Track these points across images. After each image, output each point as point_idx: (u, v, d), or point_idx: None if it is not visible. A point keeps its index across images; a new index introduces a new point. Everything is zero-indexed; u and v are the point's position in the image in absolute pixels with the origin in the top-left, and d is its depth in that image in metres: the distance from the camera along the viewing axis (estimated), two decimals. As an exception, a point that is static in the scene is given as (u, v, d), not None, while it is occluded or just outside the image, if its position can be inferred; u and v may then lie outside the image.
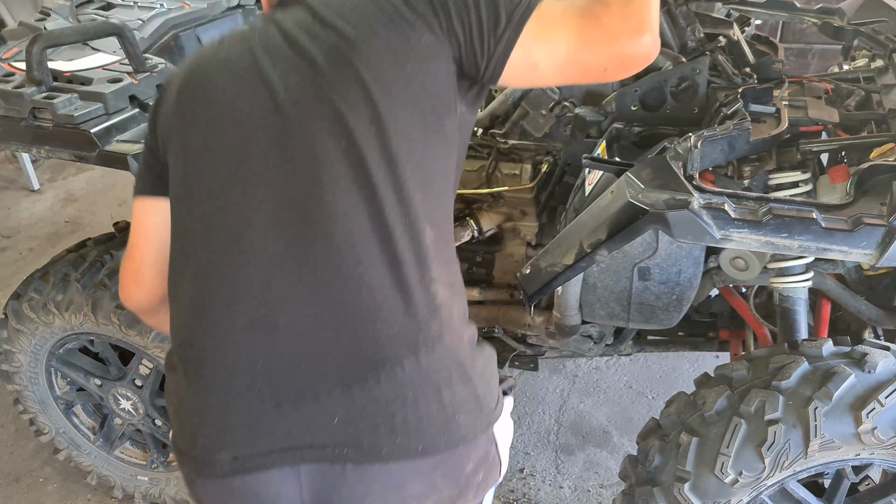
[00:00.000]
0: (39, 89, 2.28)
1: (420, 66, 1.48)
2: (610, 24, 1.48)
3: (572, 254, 1.95)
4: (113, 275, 2.54)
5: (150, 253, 1.69)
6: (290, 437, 1.47)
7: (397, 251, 1.46)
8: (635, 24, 1.48)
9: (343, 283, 1.45)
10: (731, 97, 2.10)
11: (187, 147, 1.55)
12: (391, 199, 1.45)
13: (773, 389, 1.88)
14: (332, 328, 1.46)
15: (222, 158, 1.50)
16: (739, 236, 1.73)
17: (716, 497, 1.93)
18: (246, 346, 1.48)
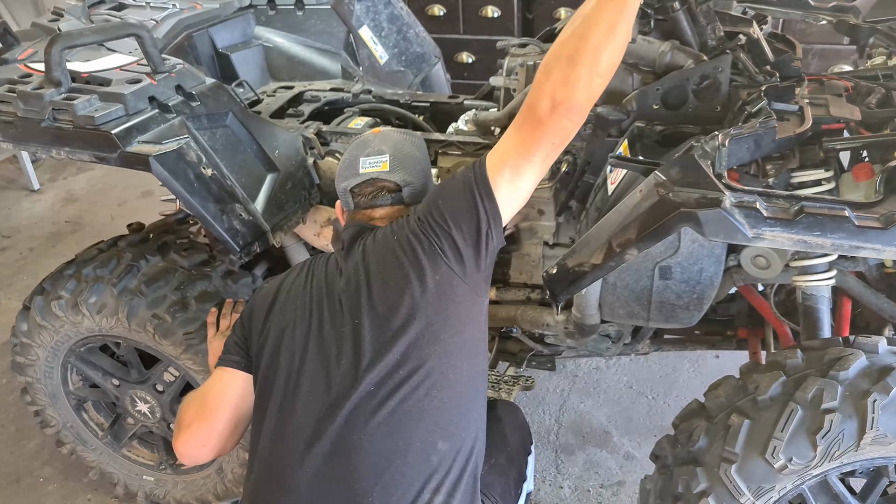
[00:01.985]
0: (59, 90, 2.27)
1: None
2: (535, 119, 1.81)
3: (601, 254, 1.95)
4: (151, 282, 2.56)
5: (226, 420, 2.08)
6: None
7: None
8: (551, 107, 1.77)
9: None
10: (755, 95, 2.09)
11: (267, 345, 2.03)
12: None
13: (830, 379, 1.88)
14: None
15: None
16: (772, 235, 1.73)
17: (761, 481, 1.91)
18: None
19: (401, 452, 1.81)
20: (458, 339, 1.88)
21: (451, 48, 5.32)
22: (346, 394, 1.84)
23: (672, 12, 2.29)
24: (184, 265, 2.63)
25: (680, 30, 2.31)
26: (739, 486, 1.93)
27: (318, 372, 1.90)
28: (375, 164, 2.11)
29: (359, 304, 1.90)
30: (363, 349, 1.86)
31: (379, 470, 1.81)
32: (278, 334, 2.00)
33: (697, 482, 2.00)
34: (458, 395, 1.89)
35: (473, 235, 1.89)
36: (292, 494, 1.84)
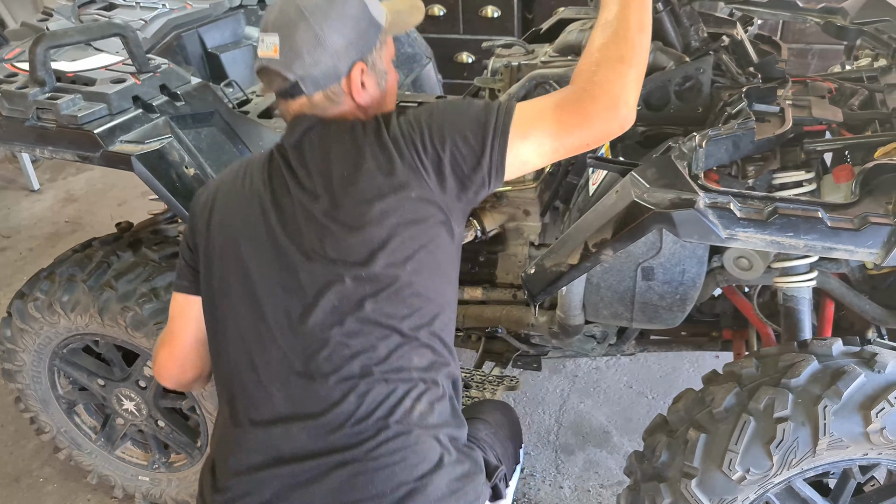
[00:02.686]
0: (43, 90, 2.28)
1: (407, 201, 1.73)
2: (586, 108, 1.67)
3: (577, 253, 1.95)
4: (120, 276, 2.55)
5: (188, 340, 1.98)
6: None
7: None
8: (610, 103, 1.66)
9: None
10: (736, 96, 2.10)
11: (211, 252, 1.86)
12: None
13: (782, 387, 1.88)
14: None
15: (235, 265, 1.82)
16: (745, 235, 1.73)
17: (722, 494, 1.93)
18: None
19: (373, 359, 1.73)
20: (429, 258, 1.76)
21: (450, 48, 5.31)
22: (309, 307, 1.72)
23: (656, 13, 2.29)
24: (154, 258, 2.63)
25: (664, 31, 2.32)
26: (701, 500, 1.95)
27: (276, 287, 1.76)
28: (267, 48, 1.76)
29: (322, 213, 1.72)
30: (326, 262, 1.72)
31: (352, 379, 1.72)
32: (224, 248, 1.83)
33: (662, 498, 2.01)
34: (430, 312, 1.78)
35: (465, 174, 1.72)
36: (266, 408, 1.77)
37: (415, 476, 1.70)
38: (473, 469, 1.81)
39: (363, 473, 1.69)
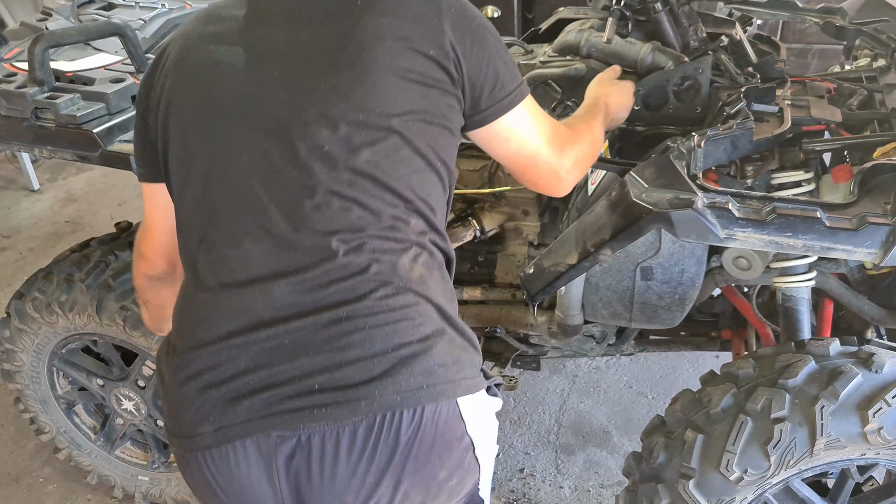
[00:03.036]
0: (42, 89, 2.28)
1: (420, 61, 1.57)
2: (570, 162, 1.80)
3: (576, 253, 1.95)
4: (118, 275, 2.54)
5: (166, 228, 1.77)
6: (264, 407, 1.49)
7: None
8: (576, 175, 1.83)
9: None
10: (734, 96, 2.09)
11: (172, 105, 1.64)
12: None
13: (779, 388, 1.88)
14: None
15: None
16: (743, 235, 1.73)
17: (720, 494, 1.93)
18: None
19: (366, 213, 1.55)
20: (436, 130, 1.64)
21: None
22: (294, 150, 1.54)
23: (654, 13, 2.29)
24: None
25: (662, 31, 2.31)
26: (699, 501, 1.95)
27: (254, 131, 1.57)
28: None
29: (322, 44, 1.57)
30: (317, 99, 1.55)
31: (344, 232, 1.53)
32: (186, 92, 1.64)
33: (659, 499, 2.02)
34: (427, 181, 1.64)
35: (477, 100, 1.67)
36: (240, 267, 1.55)
37: (417, 337, 1.53)
38: (472, 346, 1.65)
39: (360, 331, 1.49)
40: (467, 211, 2.67)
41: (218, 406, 1.51)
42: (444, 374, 1.53)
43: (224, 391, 1.51)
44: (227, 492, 1.55)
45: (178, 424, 1.56)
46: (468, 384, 1.57)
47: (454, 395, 1.53)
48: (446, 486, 1.59)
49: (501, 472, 3.24)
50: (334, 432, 1.46)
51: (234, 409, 1.49)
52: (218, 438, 1.50)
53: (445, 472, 1.57)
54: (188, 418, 1.53)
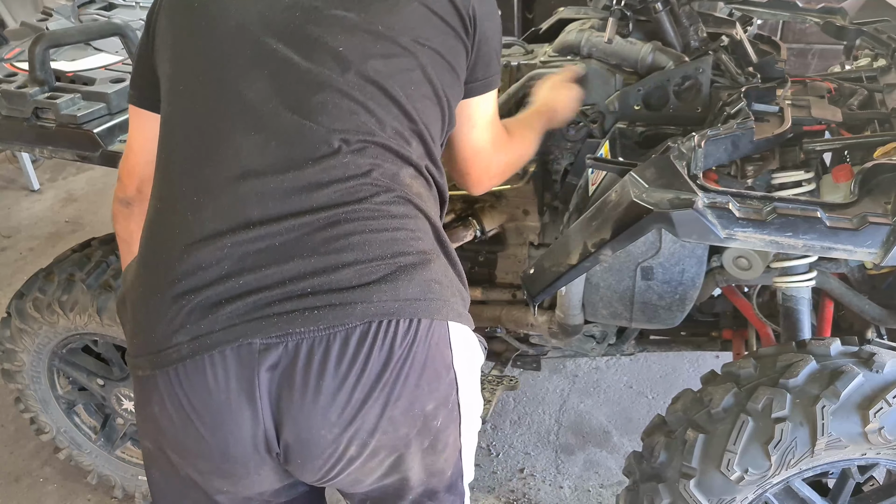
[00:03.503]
0: (42, 89, 2.29)
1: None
2: (496, 168, 1.98)
3: (576, 254, 1.95)
4: (118, 275, 2.54)
5: (144, 152, 1.69)
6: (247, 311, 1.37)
7: None
8: (496, 182, 2.03)
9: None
10: (735, 96, 2.09)
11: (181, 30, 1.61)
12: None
13: (780, 387, 1.88)
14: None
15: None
16: (744, 235, 1.73)
17: (721, 494, 1.93)
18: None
19: (371, 120, 1.50)
20: (449, 70, 1.65)
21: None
22: (307, 47, 1.51)
23: (655, 13, 2.29)
24: None
25: (663, 31, 2.31)
26: (699, 500, 1.95)
27: (258, 22, 1.53)
28: None
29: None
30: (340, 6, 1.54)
31: (347, 132, 1.48)
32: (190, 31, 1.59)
33: (660, 498, 2.01)
34: (432, 111, 1.63)
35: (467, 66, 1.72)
36: (229, 160, 1.46)
37: (416, 249, 1.47)
38: (463, 284, 1.60)
39: (359, 234, 1.41)
40: (467, 211, 2.67)
41: (195, 313, 1.38)
42: (440, 291, 1.47)
43: (203, 297, 1.38)
44: (199, 412, 1.40)
45: (146, 340, 1.42)
46: (460, 312, 1.53)
47: (448, 316, 1.47)
48: (432, 423, 1.49)
49: (501, 472, 3.24)
50: (324, 338, 1.36)
51: (213, 316, 1.37)
52: (193, 348, 1.36)
53: (432, 405, 1.47)
54: (160, 330, 1.40)
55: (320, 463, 1.45)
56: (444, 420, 1.52)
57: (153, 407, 1.43)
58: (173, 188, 1.50)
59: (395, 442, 1.46)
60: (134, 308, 1.48)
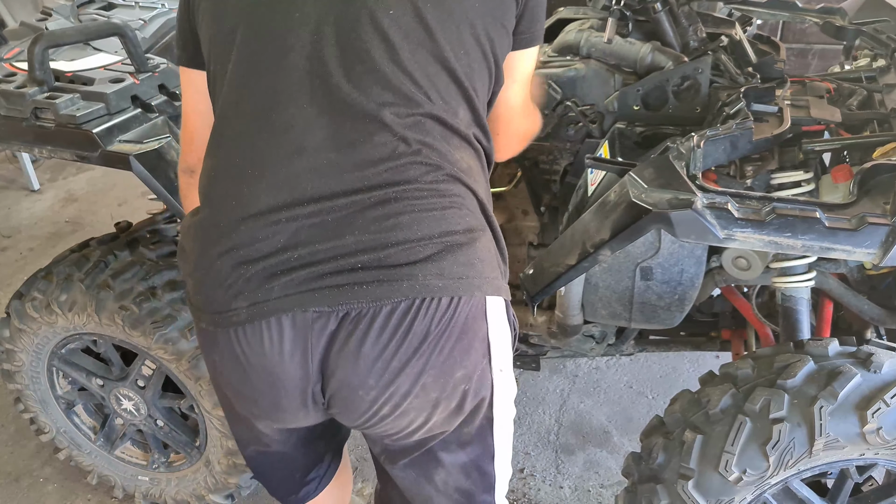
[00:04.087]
0: (41, 89, 2.28)
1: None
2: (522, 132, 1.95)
3: (575, 254, 1.95)
4: (117, 275, 2.55)
5: (199, 117, 1.77)
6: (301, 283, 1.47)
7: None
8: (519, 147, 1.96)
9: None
10: (734, 97, 2.09)
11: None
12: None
13: (778, 388, 1.88)
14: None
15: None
16: (743, 236, 1.73)
17: (719, 495, 1.93)
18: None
19: (420, 87, 1.52)
20: (499, 28, 1.65)
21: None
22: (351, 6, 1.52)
23: (654, 13, 2.29)
24: (151, 258, 2.64)
25: (662, 31, 2.32)
26: (698, 501, 1.95)
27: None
28: None
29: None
30: None
31: (396, 106, 1.51)
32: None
33: (659, 499, 2.02)
34: (482, 72, 1.64)
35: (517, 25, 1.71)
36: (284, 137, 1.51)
37: (463, 228, 1.52)
38: (503, 256, 1.65)
39: (409, 213, 1.47)
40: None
41: (252, 282, 1.48)
42: (482, 269, 1.53)
43: (261, 267, 1.48)
44: (256, 369, 1.55)
45: (208, 300, 1.55)
46: (499, 285, 1.58)
47: (488, 291, 1.54)
48: (461, 387, 1.57)
49: (501, 472, 3.24)
50: (371, 310, 1.45)
51: (270, 286, 1.47)
52: (252, 314, 1.48)
53: (462, 372, 1.55)
54: (220, 294, 1.51)
55: (356, 416, 1.58)
56: (474, 386, 1.60)
57: (214, 357, 1.61)
58: (229, 158, 1.57)
59: (424, 404, 1.56)
60: (194, 266, 1.59)
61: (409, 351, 1.48)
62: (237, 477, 2.84)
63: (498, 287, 1.58)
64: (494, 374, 1.63)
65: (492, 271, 1.57)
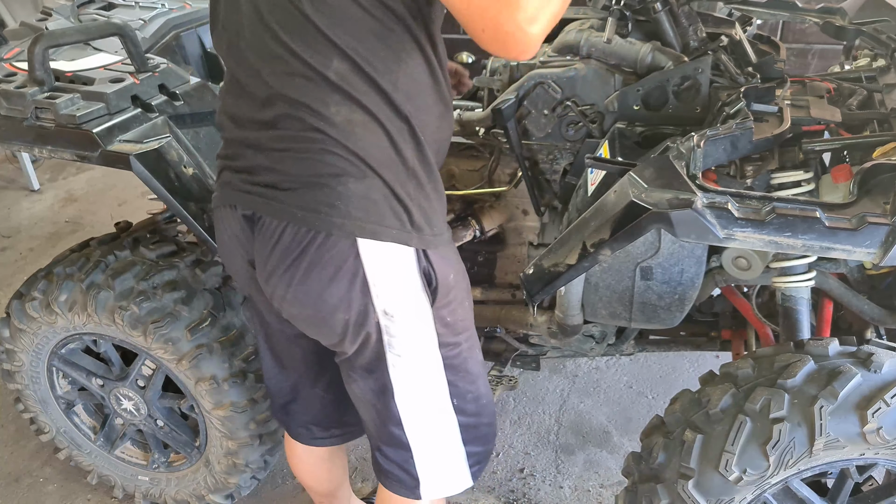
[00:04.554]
0: (41, 89, 2.29)
1: None
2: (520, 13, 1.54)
3: (575, 253, 1.95)
4: (117, 275, 2.55)
5: None
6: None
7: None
8: (532, 13, 1.47)
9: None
10: (734, 97, 2.09)
11: None
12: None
13: (778, 388, 1.88)
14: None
15: None
16: (743, 235, 1.73)
17: (719, 495, 1.93)
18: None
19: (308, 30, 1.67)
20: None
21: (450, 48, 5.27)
22: None
23: (654, 13, 2.29)
24: (151, 257, 2.64)
25: (662, 31, 2.31)
26: (698, 501, 1.95)
27: None
28: None
29: None
30: None
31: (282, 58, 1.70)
32: None
33: (659, 499, 2.02)
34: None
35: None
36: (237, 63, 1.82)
37: (330, 172, 1.71)
38: (400, 203, 1.74)
39: (289, 152, 1.73)
40: (467, 211, 2.67)
41: (221, 177, 1.92)
42: (347, 210, 1.70)
43: (223, 165, 1.92)
44: (221, 241, 2.00)
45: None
46: (375, 230, 1.73)
47: (357, 233, 1.71)
48: (338, 315, 1.80)
49: (501, 472, 3.24)
50: (260, 218, 1.79)
51: (223, 181, 1.91)
52: (217, 201, 1.94)
53: (334, 301, 1.78)
54: (215, 184, 1.97)
55: (265, 290, 1.90)
56: (355, 320, 1.81)
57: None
58: (223, 100, 1.93)
59: (305, 314, 1.86)
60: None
61: (275, 261, 1.78)
62: (237, 477, 2.84)
63: (375, 232, 1.72)
64: (380, 316, 1.81)
65: (367, 215, 1.71)
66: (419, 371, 1.92)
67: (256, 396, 2.66)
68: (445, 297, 1.88)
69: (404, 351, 1.87)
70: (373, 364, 1.90)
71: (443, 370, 1.93)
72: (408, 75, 1.72)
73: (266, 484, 3.22)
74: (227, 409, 2.61)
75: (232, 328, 2.64)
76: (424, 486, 2.06)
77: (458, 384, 1.97)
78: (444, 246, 1.86)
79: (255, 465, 2.85)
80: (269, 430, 2.75)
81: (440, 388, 1.95)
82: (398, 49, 1.69)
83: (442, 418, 1.99)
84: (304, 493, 3.09)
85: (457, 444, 2.03)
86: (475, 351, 2.04)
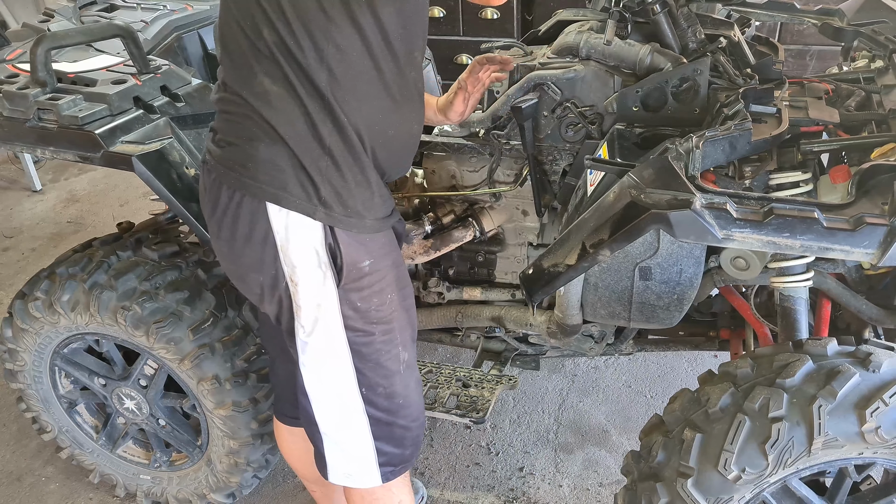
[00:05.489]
0: (44, 90, 2.30)
1: None
2: None
3: (575, 254, 1.96)
4: (120, 275, 2.56)
5: None
6: None
7: None
8: None
9: None
10: (733, 98, 2.10)
11: None
12: None
13: (777, 387, 1.89)
14: None
15: None
16: (741, 236, 1.74)
17: (718, 493, 1.94)
18: None
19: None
20: None
21: (450, 50, 5.34)
22: None
23: (653, 15, 2.30)
24: (153, 258, 2.65)
25: (661, 33, 2.32)
26: (697, 499, 1.96)
27: None
28: None
29: None
30: None
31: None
32: None
33: (658, 498, 2.02)
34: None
35: None
36: None
37: (246, 136, 1.83)
38: (308, 175, 1.82)
39: (225, 116, 1.88)
40: (467, 211, 2.68)
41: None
42: (255, 172, 1.81)
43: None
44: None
45: None
46: (280, 196, 1.82)
47: (261, 196, 1.82)
48: (253, 276, 1.94)
49: (501, 471, 3.25)
50: (204, 169, 1.95)
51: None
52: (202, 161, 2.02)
53: (249, 261, 1.92)
54: None
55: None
56: (268, 283, 1.93)
57: None
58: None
59: (230, 270, 2.02)
60: None
61: (208, 211, 1.94)
62: (239, 476, 2.85)
63: (277, 197, 1.82)
64: (289, 283, 1.91)
65: (272, 180, 1.81)
66: (323, 346, 1.97)
67: (258, 396, 2.67)
68: (356, 281, 1.92)
69: (307, 322, 1.94)
70: (289, 330, 2.00)
71: (349, 353, 1.97)
72: (340, 60, 1.76)
73: (267, 483, 3.23)
74: (228, 409, 2.62)
75: (234, 328, 2.65)
76: (331, 469, 2.14)
77: (366, 373, 2.00)
78: (364, 232, 1.91)
79: (257, 464, 2.85)
80: (271, 430, 2.76)
81: (345, 371, 1.99)
82: (331, 30, 1.73)
83: (348, 403, 2.03)
84: (305, 493, 3.10)
85: (365, 435, 2.07)
86: (396, 348, 2.05)
